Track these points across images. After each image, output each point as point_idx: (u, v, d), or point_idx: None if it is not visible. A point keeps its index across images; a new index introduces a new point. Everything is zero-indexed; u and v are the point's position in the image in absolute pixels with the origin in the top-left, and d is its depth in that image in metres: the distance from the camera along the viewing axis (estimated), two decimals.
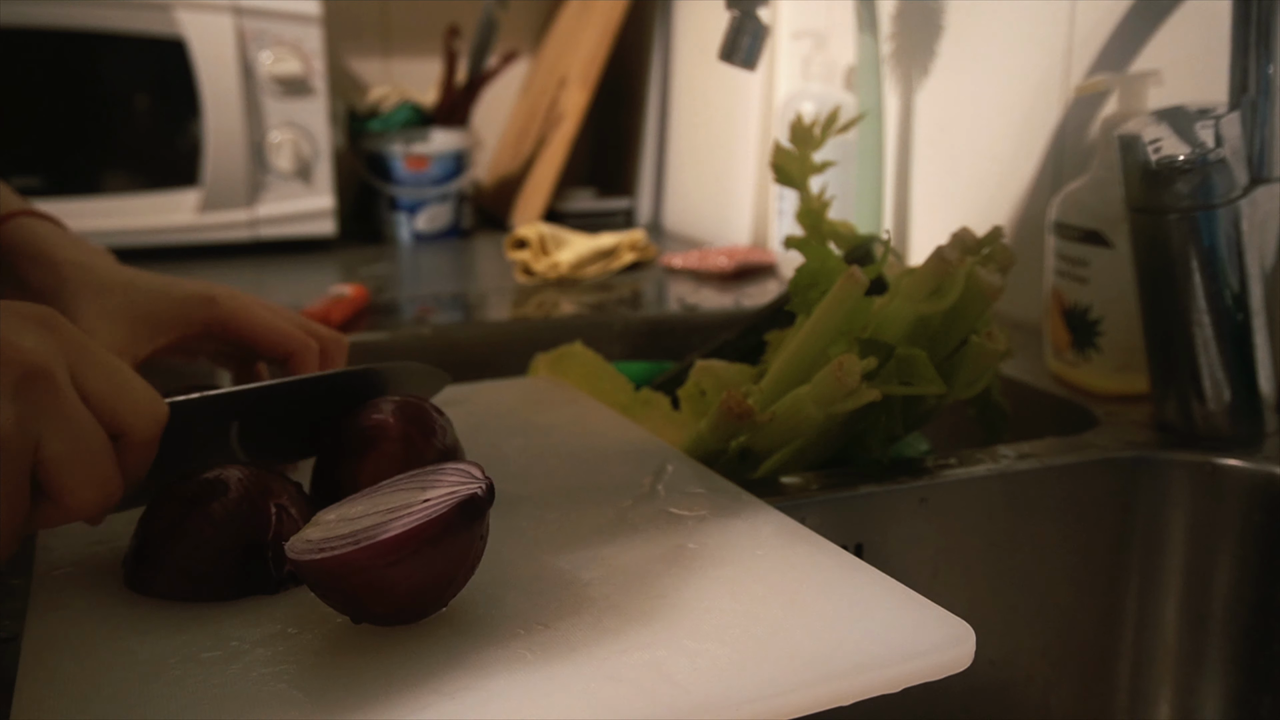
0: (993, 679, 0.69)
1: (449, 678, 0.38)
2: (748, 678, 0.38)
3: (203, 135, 1.29)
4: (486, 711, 0.36)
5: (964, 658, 0.41)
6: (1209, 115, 0.66)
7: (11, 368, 0.38)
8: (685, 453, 0.62)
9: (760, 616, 0.42)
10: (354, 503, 0.42)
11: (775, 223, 1.22)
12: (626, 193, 1.65)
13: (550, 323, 1.03)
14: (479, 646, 0.40)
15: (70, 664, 0.39)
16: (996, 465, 0.65)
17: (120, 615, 0.43)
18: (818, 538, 0.49)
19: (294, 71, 1.31)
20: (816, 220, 0.73)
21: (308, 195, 1.36)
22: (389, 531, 0.38)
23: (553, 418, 0.68)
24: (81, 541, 0.50)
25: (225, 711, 0.36)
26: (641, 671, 0.38)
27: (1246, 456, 0.66)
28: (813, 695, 0.37)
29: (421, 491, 0.40)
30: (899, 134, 1.13)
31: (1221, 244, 0.66)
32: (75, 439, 0.40)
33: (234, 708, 0.36)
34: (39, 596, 0.45)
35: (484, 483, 0.40)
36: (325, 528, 0.41)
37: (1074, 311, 0.78)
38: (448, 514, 0.39)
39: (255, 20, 1.30)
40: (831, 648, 0.40)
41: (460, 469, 0.42)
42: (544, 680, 0.38)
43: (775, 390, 0.62)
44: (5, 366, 0.38)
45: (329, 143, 1.36)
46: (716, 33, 0.90)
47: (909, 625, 0.41)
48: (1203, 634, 0.68)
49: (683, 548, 0.48)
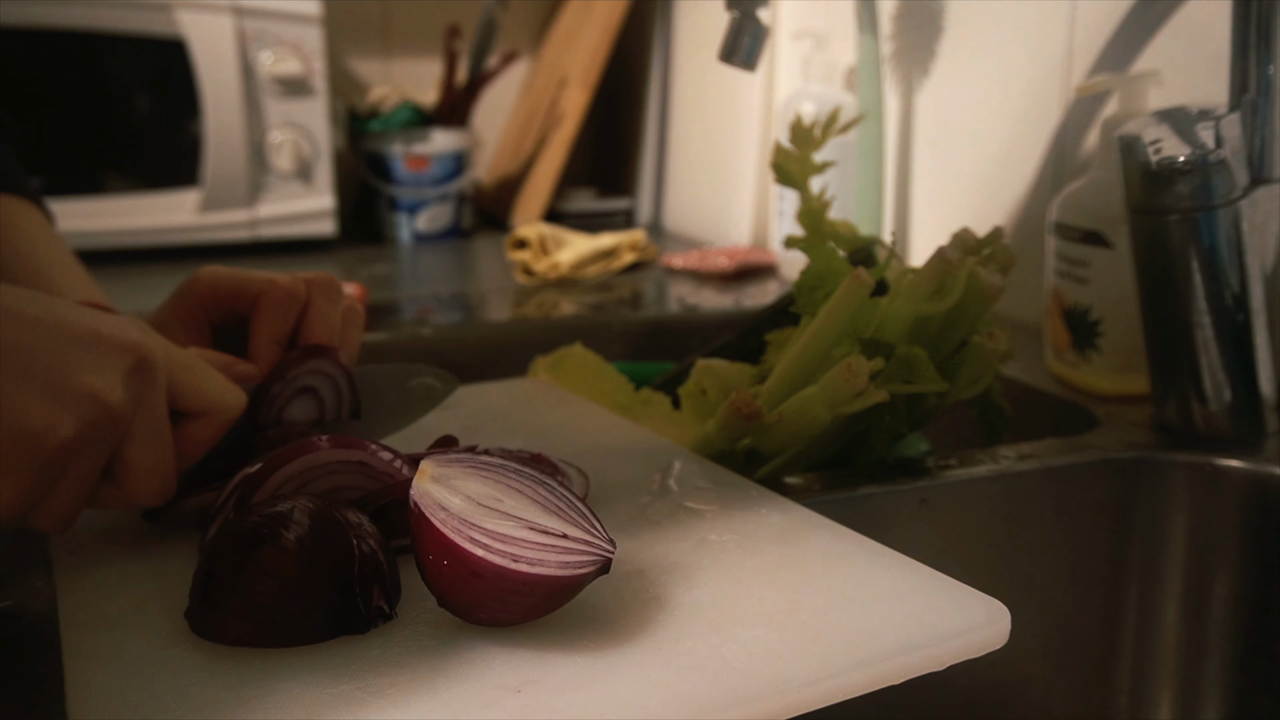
0: (993, 678, 0.69)
1: (510, 673, 0.38)
2: (803, 661, 0.39)
3: (203, 135, 1.29)
4: (556, 705, 0.36)
5: (1001, 634, 0.42)
6: (1209, 116, 0.66)
7: (127, 355, 0.43)
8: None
9: (801, 603, 0.43)
10: (467, 474, 0.41)
11: (775, 223, 1.22)
12: (626, 193, 1.65)
13: (550, 323, 1.03)
14: (531, 638, 0.40)
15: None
16: (997, 466, 0.65)
17: (184, 662, 0.39)
18: (837, 525, 0.50)
19: (294, 71, 1.31)
20: (817, 220, 0.73)
21: (308, 195, 1.36)
22: (544, 569, 0.39)
23: (552, 419, 0.68)
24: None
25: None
26: (703, 659, 0.39)
27: (1246, 457, 0.66)
28: (867, 675, 0.39)
29: (558, 516, 0.41)
30: (899, 134, 1.13)
31: (1222, 245, 0.66)
32: (155, 429, 0.44)
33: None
34: (77, 638, 0.41)
35: (612, 548, 0.41)
36: (464, 499, 0.40)
37: (1074, 312, 0.79)
38: (589, 575, 0.40)
39: (255, 20, 1.30)
40: (876, 630, 0.41)
41: (587, 515, 0.42)
42: (608, 670, 0.38)
43: (781, 391, 0.62)
44: (123, 353, 0.42)
45: (329, 143, 1.36)
46: (716, 33, 0.90)
47: (946, 606, 0.43)
48: (1203, 634, 0.68)
49: (706, 540, 0.49)
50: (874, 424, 0.63)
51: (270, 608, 0.40)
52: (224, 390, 0.49)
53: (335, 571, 0.41)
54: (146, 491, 0.45)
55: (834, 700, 0.38)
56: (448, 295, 1.14)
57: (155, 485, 0.45)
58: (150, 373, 0.44)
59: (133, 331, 0.44)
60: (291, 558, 0.40)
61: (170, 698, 0.37)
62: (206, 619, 0.41)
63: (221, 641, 0.40)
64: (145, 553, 0.48)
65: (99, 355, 0.42)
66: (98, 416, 0.41)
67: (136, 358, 0.43)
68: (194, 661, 0.39)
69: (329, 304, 0.57)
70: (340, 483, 0.48)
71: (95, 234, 1.26)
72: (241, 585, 0.40)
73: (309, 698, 0.37)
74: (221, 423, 0.49)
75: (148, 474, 0.45)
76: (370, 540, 0.43)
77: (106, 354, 0.42)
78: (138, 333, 0.44)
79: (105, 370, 0.42)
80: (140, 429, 0.44)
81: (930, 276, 0.61)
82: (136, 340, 0.43)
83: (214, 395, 0.48)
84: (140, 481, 0.45)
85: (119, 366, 0.42)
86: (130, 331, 0.43)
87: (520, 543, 0.39)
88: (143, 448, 0.44)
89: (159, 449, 0.45)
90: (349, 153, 1.55)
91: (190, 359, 0.48)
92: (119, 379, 0.42)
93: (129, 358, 0.43)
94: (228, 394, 0.49)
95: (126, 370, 0.42)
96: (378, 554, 0.43)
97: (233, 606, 0.40)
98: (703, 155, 1.51)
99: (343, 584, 0.41)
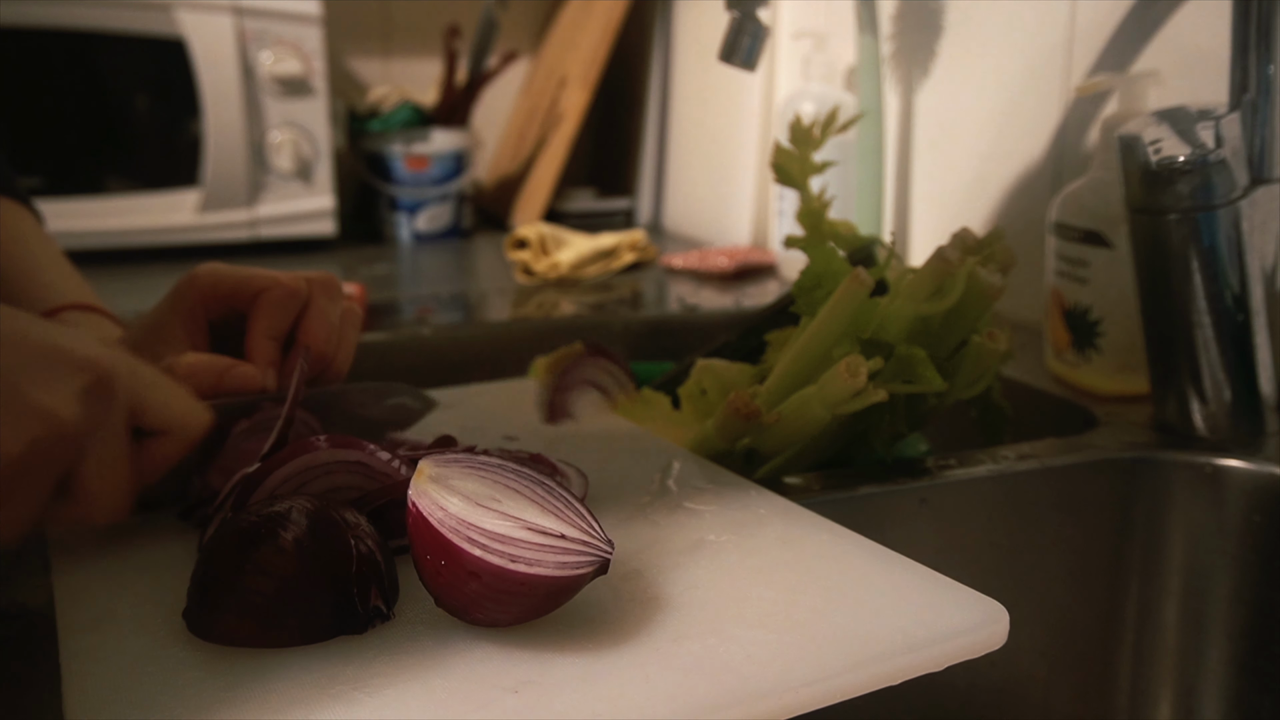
0: (992, 679, 0.69)
1: (507, 673, 0.38)
2: (801, 662, 0.39)
3: (203, 135, 1.29)
4: (554, 705, 0.36)
5: (999, 635, 0.42)
6: (1209, 116, 0.66)
7: (85, 372, 0.41)
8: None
9: (799, 603, 0.43)
10: (465, 474, 0.41)
11: (775, 223, 1.22)
12: (626, 193, 1.65)
13: (550, 323, 1.02)
14: (528, 639, 0.40)
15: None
16: (997, 466, 0.65)
17: (181, 662, 0.39)
18: (836, 526, 0.50)
19: (294, 71, 1.31)
20: (817, 220, 0.73)
21: (308, 195, 1.36)
22: (541, 569, 0.39)
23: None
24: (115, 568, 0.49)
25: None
26: (700, 660, 0.39)
27: (1247, 457, 0.66)
28: (865, 676, 0.39)
29: (556, 517, 0.41)
30: (899, 134, 1.13)
31: (1222, 244, 0.66)
32: (111, 449, 0.43)
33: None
34: (74, 638, 0.41)
35: (610, 549, 0.41)
36: (462, 499, 0.40)
37: (1074, 312, 0.78)
38: (586, 576, 0.40)
39: (255, 20, 1.30)
40: (874, 630, 0.41)
41: (585, 516, 0.42)
42: (607, 671, 0.38)
43: (780, 391, 0.62)
44: (81, 370, 0.41)
45: (329, 143, 1.36)
46: (716, 33, 0.90)
47: (944, 606, 0.43)
48: (1203, 634, 0.68)
49: (705, 541, 0.49)
50: (874, 424, 0.63)
51: (267, 608, 0.40)
52: (188, 411, 0.48)
53: (333, 572, 0.41)
54: (101, 510, 0.44)
55: (832, 701, 0.38)
56: (448, 295, 1.14)
57: (110, 505, 0.44)
58: (108, 391, 0.42)
59: (93, 348, 0.42)
60: (289, 557, 0.40)
61: (167, 697, 0.37)
62: (204, 619, 0.41)
63: (218, 642, 0.40)
64: (143, 552, 0.48)
65: (55, 372, 0.41)
66: (48, 434, 0.40)
67: (95, 375, 0.42)
68: (191, 661, 0.39)
69: (329, 303, 0.57)
70: (338, 483, 0.48)
71: (95, 234, 1.26)
72: (239, 585, 0.40)
73: (306, 697, 0.37)
74: (185, 441, 0.48)
75: (102, 494, 0.44)
76: (368, 540, 0.43)
77: (63, 371, 0.41)
78: (99, 349, 0.43)
79: (60, 388, 0.40)
80: (96, 448, 0.43)
81: (930, 276, 0.61)
82: (95, 357, 0.42)
83: (177, 414, 0.47)
84: (94, 500, 0.44)
85: (75, 384, 0.41)
86: (91, 348, 0.42)
87: (518, 543, 0.39)
88: (97, 467, 0.43)
89: (114, 469, 0.44)
90: (349, 153, 1.55)
91: (155, 376, 0.47)
92: (74, 396, 0.41)
93: (87, 375, 0.41)
94: (191, 414, 0.48)
95: (83, 388, 0.41)
96: (375, 554, 0.42)
97: (230, 606, 0.40)
98: (703, 155, 1.51)
99: (340, 584, 0.41)
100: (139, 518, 0.52)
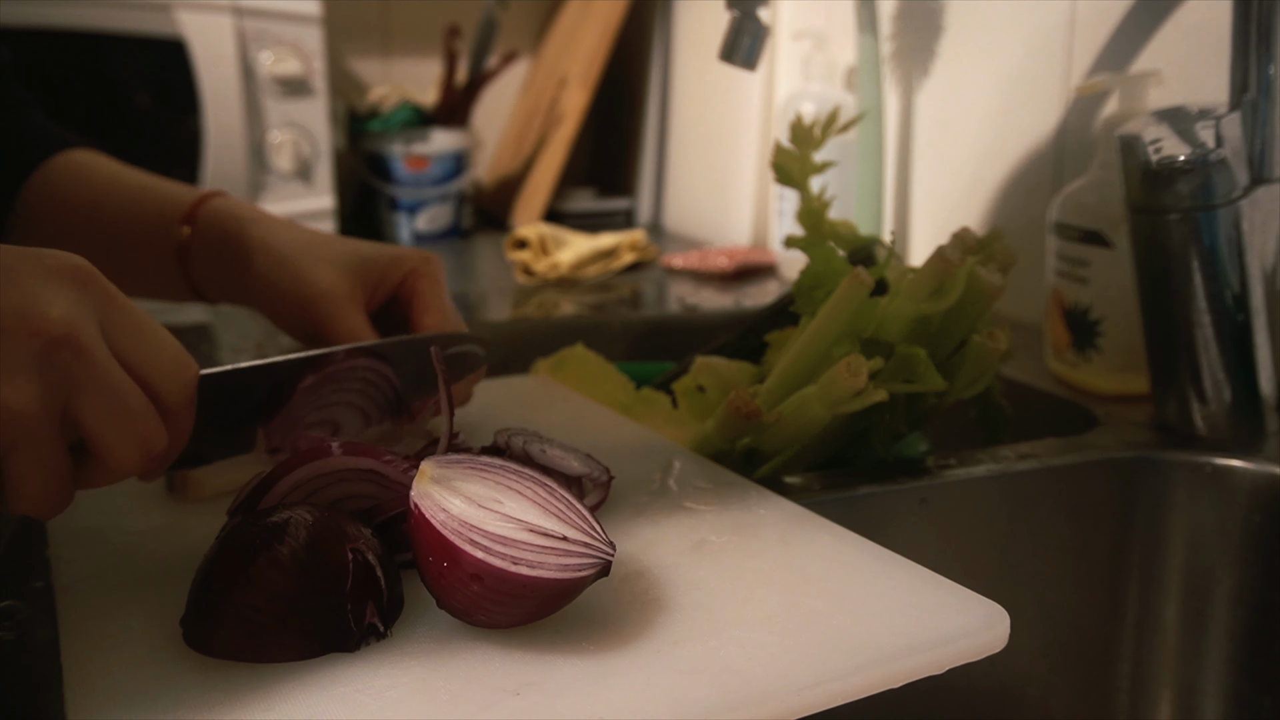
0: (993, 679, 0.69)
1: (509, 675, 0.38)
2: (802, 664, 0.39)
3: (203, 135, 1.29)
4: (556, 706, 0.36)
5: (1000, 638, 0.42)
6: (1209, 115, 0.66)
7: (34, 339, 0.37)
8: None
9: (800, 605, 0.43)
10: (467, 475, 0.41)
11: (775, 223, 1.22)
12: (626, 193, 1.65)
13: (550, 323, 1.02)
14: (530, 641, 0.40)
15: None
16: (997, 466, 0.65)
17: (182, 663, 0.39)
18: (837, 527, 0.50)
19: (294, 71, 1.31)
20: (817, 220, 0.73)
21: (308, 195, 1.36)
22: (543, 571, 0.39)
23: (552, 417, 0.68)
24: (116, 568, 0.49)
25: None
26: (701, 662, 0.39)
27: (1247, 457, 0.66)
28: (867, 679, 0.39)
29: (557, 518, 0.41)
30: (899, 134, 1.13)
31: (1222, 244, 0.66)
32: (110, 399, 0.39)
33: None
34: (75, 639, 0.41)
35: (612, 551, 0.41)
36: (464, 501, 0.40)
37: (1074, 312, 0.78)
38: (588, 578, 0.40)
39: (255, 20, 1.29)
40: (875, 633, 0.41)
41: (587, 517, 0.41)
42: (608, 673, 0.38)
43: (780, 391, 0.62)
44: (28, 338, 0.37)
45: (329, 143, 1.36)
46: (716, 33, 0.90)
47: (945, 609, 0.43)
48: (1203, 634, 0.68)
49: (705, 541, 0.49)
50: (874, 424, 0.63)
51: (259, 623, 0.39)
52: (168, 367, 0.42)
53: (327, 587, 0.40)
54: (125, 462, 0.41)
55: (833, 704, 0.38)
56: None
57: (131, 454, 0.41)
58: (72, 346, 0.38)
59: (54, 303, 0.38)
60: (283, 571, 0.39)
61: (168, 699, 0.37)
62: (198, 631, 0.40)
63: (211, 655, 0.39)
64: (147, 555, 0.48)
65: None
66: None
67: (47, 339, 0.37)
68: (193, 662, 0.39)
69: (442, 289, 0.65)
70: (351, 490, 0.46)
71: None
72: (232, 599, 0.39)
73: (308, 700, 0.37)
74: (172, 405, 0.42)
75: (119, 444, 0.40)
76: (369, 554, 0.41)
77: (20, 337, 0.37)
78: (61, 303, 0.38)
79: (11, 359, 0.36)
80: (88, 403, 0.39)
81: (930, 276, 0.61)
82: (53, 318, 0.38)
83: (153, 373, 0.41)
84: (113, 454, 0.40)
85: (24, 355, 0.37)
86: (50, 304, 0.38)
87: (520, 545, 0.39)
88: (102, 422, 0.39)
89: (121, 416, 0.40)
90: (349, 153, 1.55)
91: (143, 324, 0.42)
92: (28, 369, 0.37)
93: (35, 341, 0.37)
94: (171, 369, 0.42)
95: (38, 355, 0.37)
96: (375, 569, 0.41)
97: (223, 620, 0.39)
98: (703, 155, 1.51)
99: (334, 600, 0.40)
100: (140, 516, 0.52)
